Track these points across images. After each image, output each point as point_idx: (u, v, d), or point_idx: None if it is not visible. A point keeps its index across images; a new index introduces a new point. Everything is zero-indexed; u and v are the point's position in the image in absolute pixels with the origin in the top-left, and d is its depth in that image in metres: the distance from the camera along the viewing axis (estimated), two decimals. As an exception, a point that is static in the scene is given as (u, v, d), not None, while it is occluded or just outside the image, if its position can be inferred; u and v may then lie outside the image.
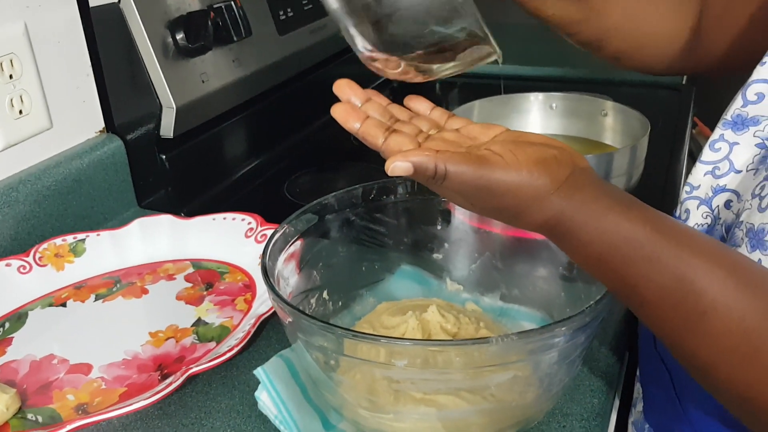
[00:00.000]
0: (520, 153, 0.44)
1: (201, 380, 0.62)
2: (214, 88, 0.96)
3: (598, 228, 0.43)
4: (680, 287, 0.41)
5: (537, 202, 0.43)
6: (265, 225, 0.80)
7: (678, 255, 0.41)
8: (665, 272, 0.41)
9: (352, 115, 0.48)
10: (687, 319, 0.41)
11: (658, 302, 0.42)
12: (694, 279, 0.41)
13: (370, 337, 0.48)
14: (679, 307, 0.41)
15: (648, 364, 0.59)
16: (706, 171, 0.52)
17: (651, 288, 0.42)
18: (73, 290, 0.76)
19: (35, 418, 0.59)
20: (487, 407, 0.51)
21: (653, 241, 0.42)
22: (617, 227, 0.42)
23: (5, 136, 0.78)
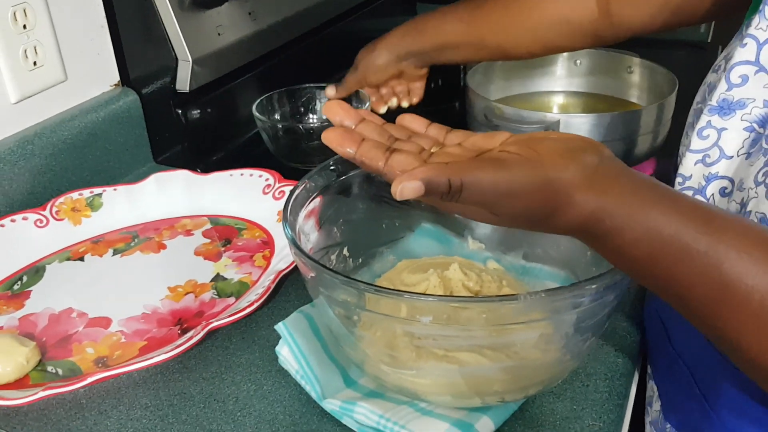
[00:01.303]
0: (540, 147, 0.40)
1: (221, 335, 0.62)
2: (230, 41, 0.94)
3: (644, 223, 0.38)
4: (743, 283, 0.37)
5: (569, 198, 0.39)
6: (283, 181, 0.79)
7: (731, 248, 0.37)
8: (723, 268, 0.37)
9: (347, 139, 0.43)
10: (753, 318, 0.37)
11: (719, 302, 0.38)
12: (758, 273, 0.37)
13: (392, 293, 0.47)
14: (743, 305, 0.37)
15: (662, 362, 0.58)
16: (696, 160, 0.50)
17: (709, 286, 0.38)
18: (91, 244, 0.75)
19: (55, 371, 0.59)
20: (511, 365, 0.50)
21: (706, 234, 0.38)
22: (668, 220, 0.38)
23: (20, 87, 0.77)
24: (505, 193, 0.38)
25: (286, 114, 0.95)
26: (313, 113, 0.97)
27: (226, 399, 0.56)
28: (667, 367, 0.56)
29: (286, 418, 0.54)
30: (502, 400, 0.52)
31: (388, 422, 0.50)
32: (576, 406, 0.54)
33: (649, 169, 0.88)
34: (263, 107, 0.91)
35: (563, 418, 0.53)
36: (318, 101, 0.97)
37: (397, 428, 0.50)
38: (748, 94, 0.48)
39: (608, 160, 0.40)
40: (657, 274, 0.40)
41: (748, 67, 0.48)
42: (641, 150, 0.85)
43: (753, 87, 0.48)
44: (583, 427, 0.52)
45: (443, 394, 0.52)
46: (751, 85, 0.48)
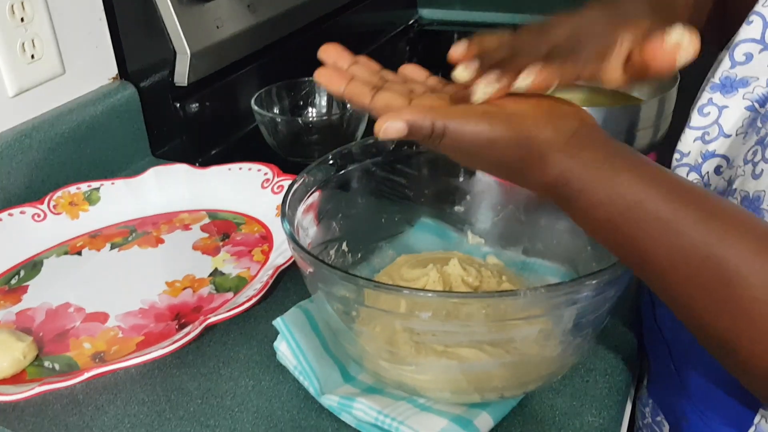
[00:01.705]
0: (523, 104, 0.41)
1: (219, 330, 0.62)
2: (229, 34, 0.94)
3: (608, 188, 0.39)
4: (699, 253, 0.38)
5: (543, 157, 0.40)
6: (282, 175, 0.79)
7: (696, 218, 0.38)
8: (682, 237, 0.38)
9: (336, 77, 0.44)
10: (707, 287, 0.38)
11: (673, 269, 0.39)
12: (714, 244, 0.37)
13: (392, 288, 0.47)
14: (698, 275, 0.38)
15: (649, 338, 0.58)
16: (695, 137, 0.50)
17: (666, 254, 0.39)
18: (89, 239, 0.75)
19: (52, 366, 0.59)
20: (511, 361, 0.50)
21: (668, 203, 0.38)
22: (630, 188, 0.39)
23: (18, 80, 0.77)
24: (484, 144, 0.40)
25: (285, 107, 0.95)
26: (312, 107, 0.97)
27: (224, 394, 0.55)
28: (651, 340, 0.57)
29: (284, 414, 0.53)
30: (501, 395, 0.52)
31: (386, 418, 0.50)
32: (576, 402, 0.54)
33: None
34: (262, 101, 0.90)
35: (563, 414, 0.53)
36: (317, 95, 0.97)
37: (395, 424, 0.49)
38: (752, 73, 0.47)
39: (589, 127, 0.41)
40: (618, 240, 0.41)
41: (753, 45, 0.47)
42: (642, 144, 0.84)
43: (757, 65, 0.47)
44: (583, 422, 0.52)
45: (442, 390, 0.51)
46: (756, 63, 0.47)
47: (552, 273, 0.62)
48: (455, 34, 1.42)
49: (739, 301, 0.37)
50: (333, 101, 0.97)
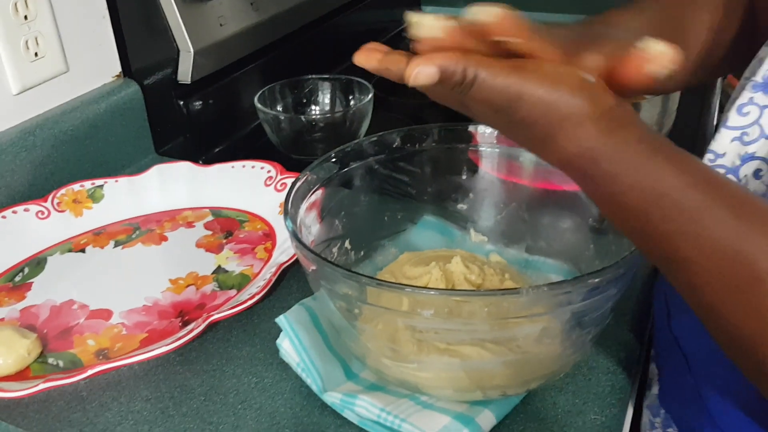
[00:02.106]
0: (563, 69, 0.39)
1: (222, 327, 0.62)
2: (232, 32, 0.94)
3: (640, 173, 0.37)
4: (730, 249, 0.36)
5: (572, 126, 0.38)
6: (285, 173, 0.79)
7: (730, 213, 0.36)
8: (714, 231, 0.36)
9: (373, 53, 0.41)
10: (735, 286, 0.36)
11: (701, 266, 0.37)
12: (747, 241, 0.36)
13: (394, 286, 0.47)
14: (726, 272, 0.36)
15: (662, 344, 0.56)
16: (733, 137, 0.47)
17: (695, 248, 0.37)
18: (92, 236, 0.75)
19: (56, 363, 0.59)
20: (513, 359, 0.50)
21: (703, 194, 0.37)
22: (662, 174, 0.37)
23: (21, 78, 0.77)
24: (512, 98, 0.38)
25: (289, 105, 0.95)
26: (316, 104, 0.97)
27: (227, 392, 0.56)
28: (665, 350, 0.56)
29: (287, 411, 0.54)
30: (503, 393, 0.52)
31: (389, 416, 0.50)
32: (578, 400, 0.54)
33: (653, 161, 0.87)
34: (265, 98, 0.90)
35: (565, 412, 0.53)
36: (320, 92, 0.97)
37: (398, 422, 0.49)
38: None
39: (624, 107, 0.40)
40: (645, 229, 0.39)
41: None
42: (646, 142, 0.84)
43: None
44: (586, 420, 0.52)
45: (445, 388, 0.51)
46: None
47: (554, 271, 0.62)
48: (458, 32, 1.42)
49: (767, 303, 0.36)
50: (336, 99, 0.97)
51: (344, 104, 0.96)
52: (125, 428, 0.53)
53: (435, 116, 1.04)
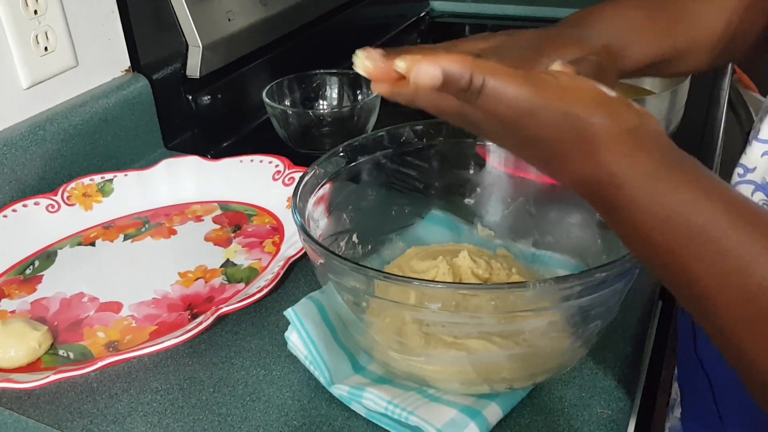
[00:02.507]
0: (582, 82, 0.36)
1: (230, 320, 0.62)
2: (241, 26, 0.94)
3: (668, 206, 0.34)
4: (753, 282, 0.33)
5: (588, 146, 0.34)
6: (293, 168, 0.79)
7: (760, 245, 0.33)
8: (748, 274, 0.33)
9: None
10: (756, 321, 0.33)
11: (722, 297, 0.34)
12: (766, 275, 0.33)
13: (401, 279, 0.47)
14: (748, 305, 0.33)
15: (687, 367, 0.54)
16: (764, 151, 0.44)
17: (716, 279, 0.33)
18: (102, 230, 0.76)
19: (67, 355, 0.59)
20: (519, 352, 0.50)
21: (737, 231, 0.33)
22: (693, 209, 0.33)
23: (31, 73, 0.77)
24: (523, 112, 0.34)
25: (297, 100, 0.95)
26: (324, 99, 0.97)
27: (236, 384, 0.56)
28: (689, 372, 0.54)
29: (294, 403, 0.54)
30: (510, 387, 0.52)
31: (396, 408, 0.50)
32: (584, 394, 0.54)
33: (661, 156, 0.87)
34: (273, 93, 0.91)
35: (571, 406, 0.53)
36: (328, 87, 0.97)
37: (405, 414, 0.50)
38: None
39: (650, 128, 0.36)
40: (671, 265, 0.35)
41: None
42: (653, 137, 0.84)
43: None
44: (592, 414, 0.52)
45: (452, 381, 0.52)
46: None
47: (562, 265, 0.62)
48: (467, 27, 1.42)
49: None
50: (344, 94, 0.97)
51: (352, 99, 0.96)
52: (135, 419, 0.53)
53: (442, 111, 1.04)
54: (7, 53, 0.75)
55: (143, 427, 0.53)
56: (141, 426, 0.53)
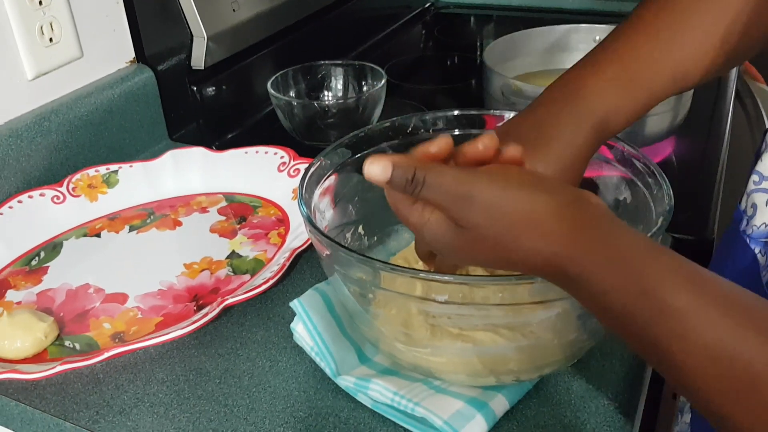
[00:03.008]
0: (514, 170, 0.39)
1: (236, 312, 0.62)
2: (246, 17, 0.94)
3: (618, 274, 0.35)
4: (723, 353, 0.33)
5: (533, 224, 0.37)
6: (298, 159, 0.79)
7: (718, 312, 0.34)
8: (704, 332, 0.34)
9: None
10: (732, 389, 0.34)
11: (697, 369, 0.34)
12: (739, 341, 0.33)
13: (408, 271, 0.47)
14: (721, 375, 0.34)
15: None
16: None
17: (687, 351, 0.34)
18: (107, 221, 0.76)
19: (73, 346, 0.59)
20: (526, 344, 0.50)
21: (689, 294, 0.34)
22: (641, 273, 0.35)
23: (36, 64, 0.77)
24: (463, 196, 0.38)
25: (302, 91, 0.95)
26: (329, 90, 0.97)
27: (242, 375, 0.56)
28: None
29: (300, 395, 0.54)
30: (517, 379, 0.52)
31: (402, 399, 0.50)
32: (591, 385, 0.54)
33: (668, 148, 0.87)
34: (278, 84, 0.90)
35: (579, 397, 0.53)
36: (333, 78, 0.97)
37: (411, 405, 0.50)
38: None
39: (587, 202, 0.38)
40: (632, 331, 0.36)
41: None
42: (660, 129, 0.84)
43: None
44: (599, 406, 0.52)
45: (458, 373, 0.52)
46: None
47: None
48: (472, 18, 1.41)
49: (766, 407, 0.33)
50: (349, 85, 0.97)
51: (357, 90, 0.96)
52: (141, 410, 0.53)
53: (448, 102, 1.04)
54: (12, 44, 0.75)
55: (149, 418, 0.53)
56: (147, 417, 0.53)
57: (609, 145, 0.57)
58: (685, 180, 0.80)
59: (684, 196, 0.53)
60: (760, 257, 0.51)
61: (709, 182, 0.80)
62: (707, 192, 0.78)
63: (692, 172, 0.83)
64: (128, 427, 0.52)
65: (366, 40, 1.20)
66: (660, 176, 0.52)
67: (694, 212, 0.73)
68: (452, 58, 1.23)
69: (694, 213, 0.73)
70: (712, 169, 0.82)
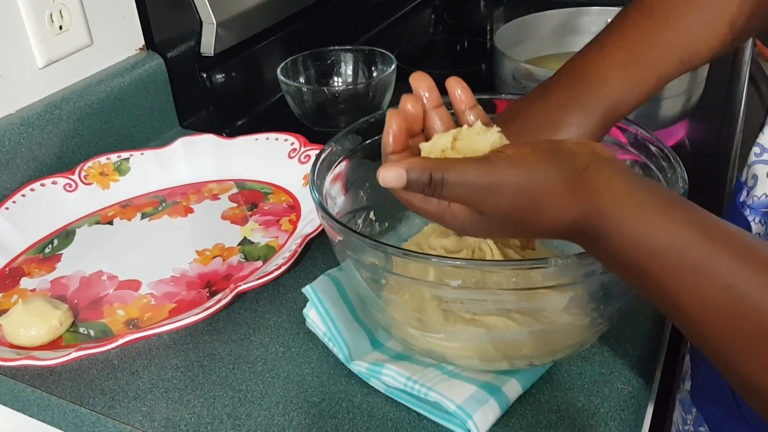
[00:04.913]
0: (525, 145, 0.39)
1: (249, 298, 0.62)
2: (255, 3, 0.93)
3: (634, 230, 0.36)
4: (733, 302, 0.34)
5: (555, 198, 0.38)
6: (309, 145, 0.79)
7: (730, 264, 0.35)
8: (715, 284, 0.35)
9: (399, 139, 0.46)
10: (740, 339, 0.35)
11: (706, 319, 0.36)
12: (749, 293, 0.34)
13: (420, 256, 0.47)
14: (731, 324, 0.35)
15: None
16: None
17: (698, 302, 0.35)
18: (119, 209, 0.76)
19: (87, 332, 0.60)
20: (540, 329, 0.50)
21: (700, 247, 0.35)
22: (657, 229, 0.36)
23: (47, 52, 0.77)
24: (487, 187, 0.38)
25: (312, 77, 0.94)
26: (339, 76, 0.96)
27: (255, 360, 0.56)
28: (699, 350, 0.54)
29: (314, 380, 0.54)
30: (530, 363, 0.52)
31: (415, 384, 0.50)
32: (605, 370, 0.54)
33: (681, 131, 0.86)
34: (288, 71, 0.90)
35: (592, 382, 0.53)
36: (343, 64, 0.96)
37: (424, 390, 0.50)
38: None
39: (601, 160, 0.39)
40: (647, 285, 0.37)
41: None
42: (673, 111, 0.83)
43: None
44: (612, 390, 0.52)
45: (471, 358, 0.52)
46: None
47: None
48: (482, 1, 1.40)
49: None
50: (359, 70, 0.96)
51: (367, 75, 0.95)
52: (156, 396, 0.54)
53: (458, 87, 1.03)
54: (23, 32, 0.75)
55: (164, 403, 0.53)
56: (162, 402, 0.53)
57: (622, 129, 0.56)
58: (699, 163, 0.79)
59: (697, 179, 0.52)
60: (760, 227, 0.51)
61: (722, 165, 0.79)
62: (721, 175, 0.77)
63: (706, 155, 0.82)
64: (143, 412, 0.52)
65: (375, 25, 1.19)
66: (674, 160, 0.52)
67: (708, 195, 0.73)
68: (462, 43, 1.22)
69: (708, 196, 0.72)
70: (725, 153, 0.82)
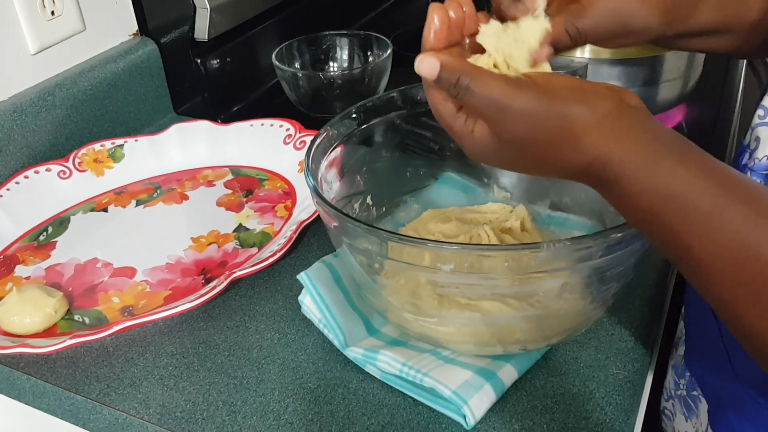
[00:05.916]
0: (556, 78, 0.39)
1: (244, 284, 0.62)
2: (249, -12, 0.92)
3: (651, 176, 0.37)
4: (743, 250, 0.35)
5: (574, 137, 0.38)
6: (304, 131, 0.78)
7: (742, 212, 0.35)
8: (726, 231, 0.35)
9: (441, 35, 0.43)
10: (748, 287, 0.35)
11: (716, 265, 0.36)
12: (759, 241, 0.34)
13: (415, 241, 0.47)
14: (740, 272, 0.35)
15: (694, 308, 0.56)
16: None
17: (708, 249, 0.36)
18: (114, 195, 0.76)
19: (82, 320, 0.60)
20: (534, 314, 0.50)
21: (714, 195, 0.36)
22: (674, 176, 0.36)
23: (39, 38, 0.76)
24: (508, 108, 0.38)
25: (307, 62, 0.94)
26: (334, 61, 0.96)
27: (251, 347, 0.56)
28: (696, 313, 0.55)
29: (309, 366, 0.54)
30: (524, 348, 0.52)
31: (411, 370, 0.50)
32: (600, 355, 0.54)
33: (678, 115, 0.85)
34: (283, 56, 0.89)
35: (587, 367, 0.53)
36: (338, 49, 0.95)
37: (420, 376, 0.50)
38: None
39: (629, 107, 0.39)
40: (659, 231, 0.38)
41: None
42: (671, 95, 0.83)
43: None
44: (608, 375, 0.52)
45: (466, 343, 0.51)
46: None
47: (580, 227, 0.61)
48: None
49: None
50: (355, 55, 0.96)
51: (363, 60, 0.95)
52: (151, 383, 0.54)
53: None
54: (14, 18, 0.74)
55: (160, 390, 0.53)
56: (157, 389, 0.53)
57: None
58: (696, 148, 0.78)
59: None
60: None
61: (720, 149, 0.79)
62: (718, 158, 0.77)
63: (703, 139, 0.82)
64: (138, 399, 0.52)
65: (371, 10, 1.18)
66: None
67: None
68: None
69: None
70: (723, 137, 0.81)
